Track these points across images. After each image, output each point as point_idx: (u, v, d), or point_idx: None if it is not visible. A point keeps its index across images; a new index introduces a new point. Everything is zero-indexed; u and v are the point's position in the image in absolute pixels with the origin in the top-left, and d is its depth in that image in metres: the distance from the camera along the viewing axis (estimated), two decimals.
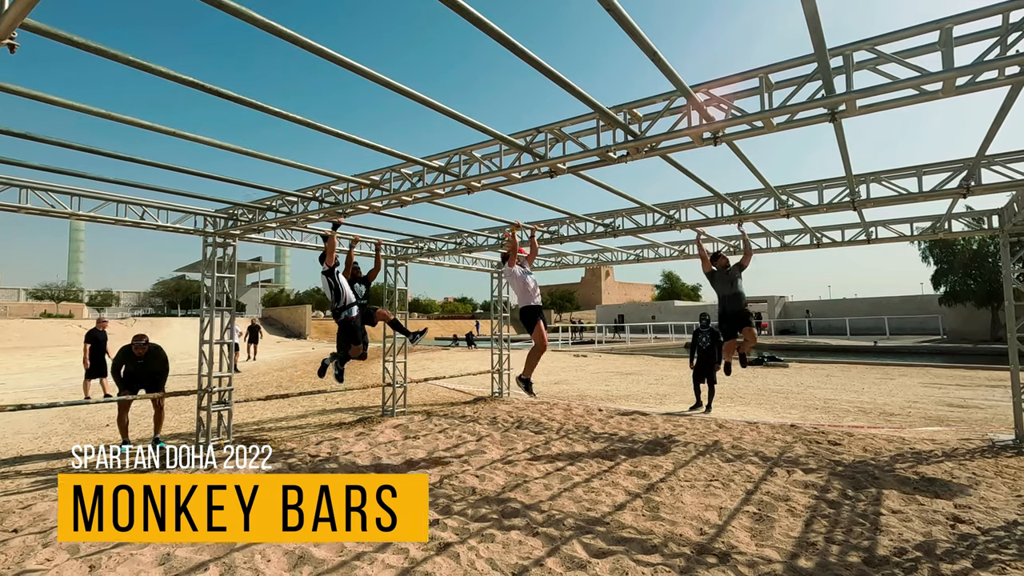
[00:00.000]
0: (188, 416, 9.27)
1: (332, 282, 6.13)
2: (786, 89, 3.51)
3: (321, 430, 8.29)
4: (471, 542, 4.12)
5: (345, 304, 6.19)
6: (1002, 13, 2.86)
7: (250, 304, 61.96)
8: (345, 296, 6.18)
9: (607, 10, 2.51)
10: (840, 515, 4.62)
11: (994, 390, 11.44)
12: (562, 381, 14.60)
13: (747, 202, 6.59)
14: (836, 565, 3.72)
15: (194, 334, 7.29)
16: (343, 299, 6.17)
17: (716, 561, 3.80)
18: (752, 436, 7.52)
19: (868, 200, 5.89)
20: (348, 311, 6.21)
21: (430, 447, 7.10)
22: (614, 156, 4.25)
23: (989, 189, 5.35)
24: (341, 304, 6.18)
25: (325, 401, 11.14)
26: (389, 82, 3.28)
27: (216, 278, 7.25)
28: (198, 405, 7.07)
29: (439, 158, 5.11)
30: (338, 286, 6.15)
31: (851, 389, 12.37)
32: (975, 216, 7.53)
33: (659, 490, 5.32)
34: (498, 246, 9.09)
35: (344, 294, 6.17)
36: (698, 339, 9.64)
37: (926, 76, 2.99)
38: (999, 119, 3.97)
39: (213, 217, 7.19)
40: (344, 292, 6.18)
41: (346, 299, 6.19)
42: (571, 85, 3.32)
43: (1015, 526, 4.29)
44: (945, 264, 28.89)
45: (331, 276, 6.13)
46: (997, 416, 8.63)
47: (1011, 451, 6.49)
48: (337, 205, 6.07)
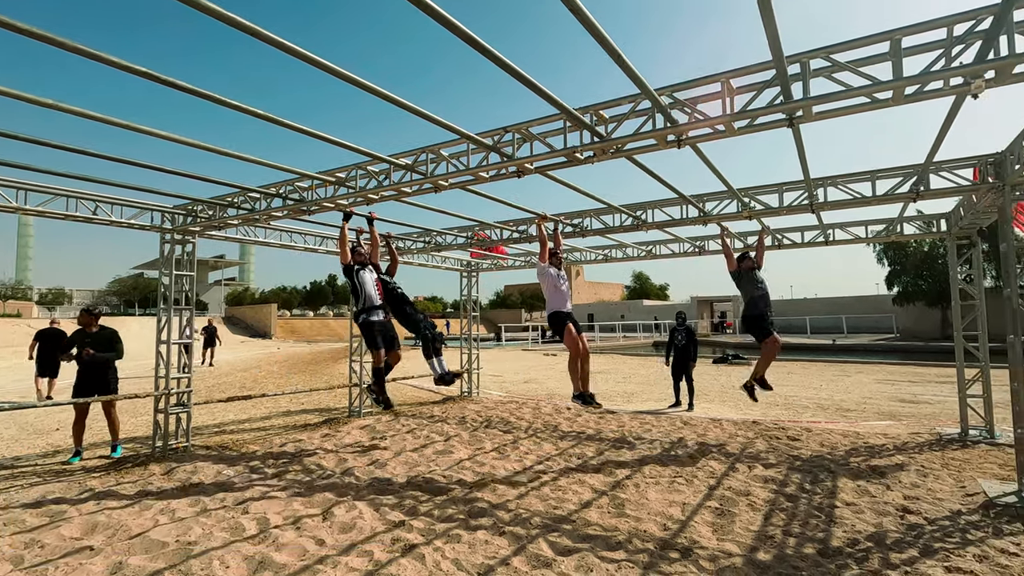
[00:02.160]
0: (146, 419, 8.95)
1: (351, 281, 5.62)
2: (747, 94, 3.60)
3: (285, 432, 8.11)
4: (437, 543, 4.09)
5: (366, 306, 5.61)
6: (947, 26, 2.99)
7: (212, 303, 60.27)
8: (367, 296, 5.60)
9: (571, 11, 2.52)
10: (798, 508, 4.77)
11: (942, 386, 11.98)
12: (532, 380, 14.66)
13: (711, 204, 6.74)
14: (793, 557, 3.83)
15: (154, 334, 7.03)
16: (363, 299, 5.60)
17: (678, 556, 3.87)
18: (716, 433, 7.69)
19: (825, 203, 6.09)
20: (367, 314, 5.64)
21: (397, 447, 7.03)
22: (581, 157, 4.28)
23: (937, 194, 5.59)
24: (361, 305, 5.62)
25: (290, 402, 10.91)
26: (356, 79, 3.23)
27: (175, 276, 7.02)
28: (155, 408, 6.83)
29: (406, 156, 5.06)
30: (357, 285, 5.61)
31: (810, 386, 12.77)
32: (925, 219, 7.88)
33: (625, 487, 5.39)
34: (467, 245, 9.07)
35: (365, 294, 5.59)
36: (674, 337, 9.70)
37: (877, 85, 3.11)
38: (945, 127, 4.16)
39: (171, 213, 6.96)
40: (365, 292, 5.60)
41: (367, 300, 5.62)
42: (536, 85, 3.32)
43: (959, 515, 4.50)
44: (898, 265, 30.21)
45: (350, 275, 5.63)
46: (945, 411, 9.04)
47: (957, 444, 6.81)
48: (301, 203, 5.95)
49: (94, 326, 6.70)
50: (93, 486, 5.50)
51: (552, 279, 5.68)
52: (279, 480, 5.66)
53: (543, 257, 5.78)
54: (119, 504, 4.96)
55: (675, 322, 9.93)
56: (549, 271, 5.70)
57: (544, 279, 5.71)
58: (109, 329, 6.78)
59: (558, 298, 5.62)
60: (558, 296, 5.63)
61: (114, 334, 6.78)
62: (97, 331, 6.70)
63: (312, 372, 17.94)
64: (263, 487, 5.42)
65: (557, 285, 5.67)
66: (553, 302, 5.63)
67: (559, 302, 5.61)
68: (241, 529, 4.34)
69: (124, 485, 5.54)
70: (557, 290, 5.64)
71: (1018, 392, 4.77)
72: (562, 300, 5.62)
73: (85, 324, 6.67)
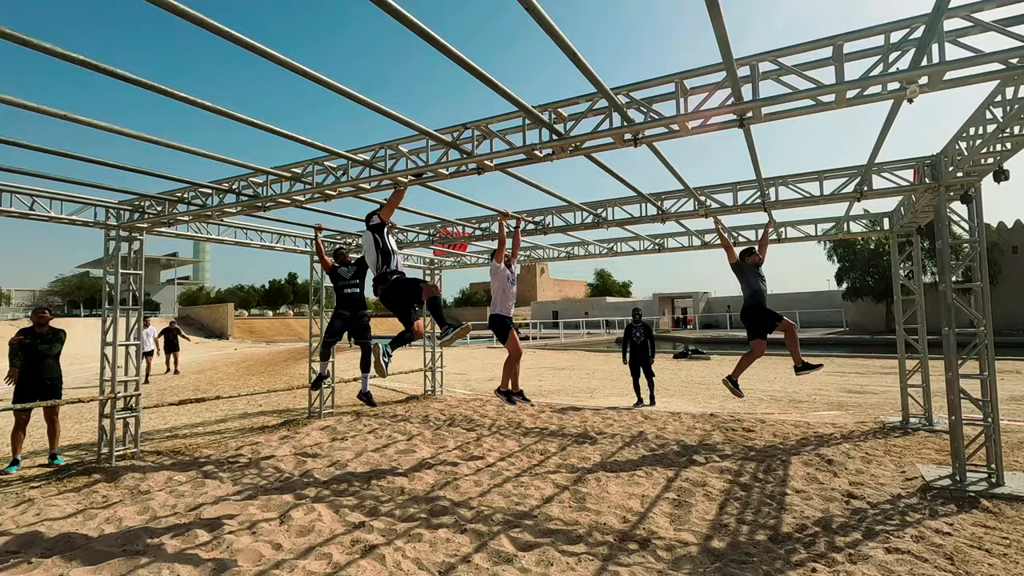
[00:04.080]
0: (91, 425, 8.54)
1: (381, 240, 4.96)
2: (701, 95, 3.69)
3: (242, 435, 7.88)
4: (398, 543, 4.05)
5: (396, 268, 5.01)
6: (884, 33, 3.14)
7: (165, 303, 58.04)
8: (397, 262, 5.04)
9: (527, 9, 2.53)
10: (751, 497, 4.93)
11: (887, 377, 12.59)
12: (496, 378, 14.65)
13: (669, 202, 6.88)
14: (745, 544, 3.96)
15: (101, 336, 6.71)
16: (394, 263, 5.01)
17: (637, 547, 3.95)
18: (675, 426, 7.88)
19: (777, 202, 6.30)
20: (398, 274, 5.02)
21: (359, 448, 6.93)
22: (540, 154, 4.30)
23: (879, 194, 5.86)
24: (392, 268, 5.00)
25: (247, 404, 10.60)
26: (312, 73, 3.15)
27: (121, 275, 6.72)
28: (100, 413, 6.53)
29: (364, 152, 4.98)
30: (388, 247, 4.99)
31: (765, 379, 13.22)
32: (870, 218, 8.25)
33: (586, 481, 5.46)
34: (429, 243, 9.00)
35: (395, 257, 5.05)
36: (631, 334, 9.70)
37: (821, 88, 3.24)
38: (885, 130, 4.36)
39: (116, 209, 6.66)
40: (395, 255, 5.06)
41: (398, 265, 5.02)
42: (494, 82, 3.32)
43: (899, 499, 4.74)
44: (847, 262, 31.61)
45: (380, 233, 5.00)
46: (888, 400, 9.50)
47: (898, 431, 7.17)
48: (256, 199, 5.78)
49: (46, 326, 6.40)
50: (32, 496, 5.22)
51: (503, 281, 5.74)
52: (234, 484, 5.50)
53: (499, 257, 5.78)
54: (61, 514, 4.72)
55: (631, 319, 9.97)
56: (503, 271, 5.74)
57: (496, 279, 5.77)
58: (57, 329, 6.50)
59: (505, 302, 5.72)
60: (506, 300, 5.73)
61: (60, 333, 6.48)
62: (47, 331, 6.38)
63: (271, 373, 17.48)
64: (217, 492, 5.26)
65: (506, 288, 5.75)
66: (500, 304, 5.71)
67: (506, 306, 5.72)
68: (193, 536, 4.20)
69: (67, 494, 5.28)
70: (505, 293, 5.73)
71: (952, 382, 5.06)
72: (508, 304, 5.73)
73: (41, 322, 6.35)
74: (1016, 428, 7.12)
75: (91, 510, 4.82)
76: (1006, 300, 27.83)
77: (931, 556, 3.65)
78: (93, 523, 4.51)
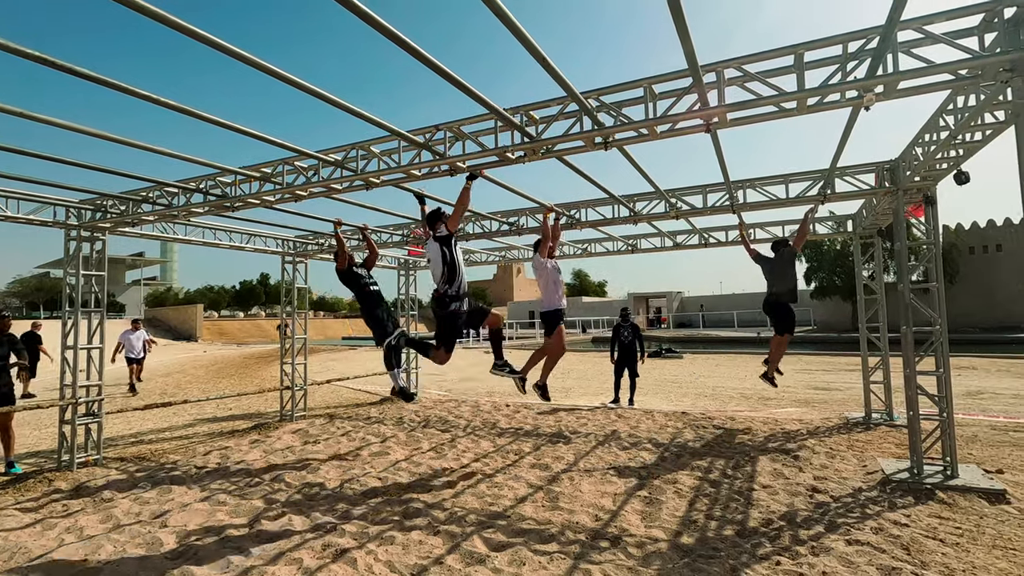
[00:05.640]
0: (51, 431, 8.25)
1: (449, 253, 4.50)
2: (669, 99, 3.76)
3: (211, 439, 7.72)
4: (370, 546, 4.03)
5: (459, 292, 4.62)
6: (843, 43, 3.25)
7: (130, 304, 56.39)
8: (461, 279, 4.62)
9: (495, 14, 2.54)
10: (720, 493, 5.04)
11: (851, 374, 12.98)
12: (472, 378, 14.65)
13: (641, 204, 6.97)
14: (713, 539, 4.05)
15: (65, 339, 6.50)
16: (458, 282, 4.57)
17: (608, 545, 4.00)
18: (648, 424, 7.99)
19: (745, 204, 6.44)
20: (460, 302, 4.66)
21: (331, 451, 6.85)
22: (512, 156, 4.32)
23: (842, 197, 6.05)
24: (456, 289, 4.59)
25: (217, 408, 10.37)
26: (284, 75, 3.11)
27: (82, 276, 6.51)
28: (60, 419, 6.32)
29: (335, 152, 4.93)
30: (456, 262, 4.55)
31: (736, 377, 13.51)
32: (836, 220, 8.51)
33: (560, 481, 5.50)
34: (403, 243, 8.94)
35: (461, 275, 4.62)
36: (620, 334, 9.64)
37: (783, 95, 3.33)
38: (845, 135, 4.51)
39: (77, 208, 6.45)
40: (461, 273, 4.63)
41: (461, 284, 4.63)
42: (465, 85, 3.33)
43: (860, 492, 4.91)
44: (815, 263, 32.58)
45: (449, 245, 4.55)
46: (852, 397, 9.80)
47: (861, 427, 7.41)
48: (224, 199, 5.67)
49: (6, 328, 6.21)
50: None
51: (552, 274, 5.49)
52: (202, 490, 5.38)
53: (543, 251, 5.50)
54: (18, 524, 4.56)
55: (619, 318, 9.99)
56: (547, 265, 5.47)
57: (543, 274, 5.50)
58: (12, 335, 6.31)
59: (557, 294, 5.48)
60: (557, 291, 5.49)
61: (13, 338, 6.29)
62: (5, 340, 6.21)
63: (242, 375, 17.14)
64: (184, 499, 5.14)
65: (557, 280, 5.52)
66: (554, 298, 5.48)
67: (559, 299, 5.48)
68: (159, 544, 4.11)
69: (25, 503, 5.10)
70: (556, 286, 5.50)
71: (910, 378, 5.25)
72: (559, 296, 5.49)
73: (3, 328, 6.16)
74: (970, 422, 7.43)
75: (50, 519, 4.67)
76: (963, 299, 28.98)
77: (889, 547, 3.79)
78: (52, 533, 4.37)
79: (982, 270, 30.75)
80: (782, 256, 6.73)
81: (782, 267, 6.66)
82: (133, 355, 12.64)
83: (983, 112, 3.62)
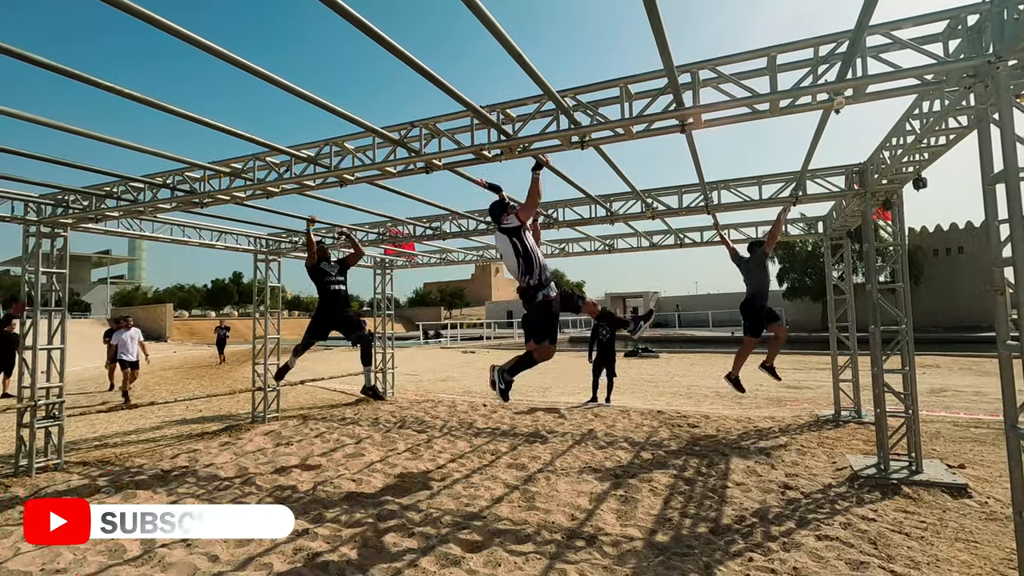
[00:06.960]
0: (8, 435, 7.92)
1: (520, 243, 4.17)
2: (645, 99, 3.77)
3: (179, 442, 7.50)
4: (343, 549, 3.96)
5: (543, 280, 4.22)
6: (813, 47, 3.30)
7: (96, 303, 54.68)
8: (541, 266, 4.23)
9: (472, 11, 2.51)
10: (694, 491, 5.09)
11: (822, 372, 13.27)
12: (449, 378, 14.57)
13: (617, 204, 7.01)
14: (688, 537, 4.08)
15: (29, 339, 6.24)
16: (538, 270, 4.20)
17: (584, 544, 4.00)
18: (624, 423, 8.03)
19: (719, 205, 6.53)
20: (546, 288, 4.24)
21: (304, 453, 6.72)
22: (488, 155, 4.29)
23: (813, 199, 6.17)
24: (539, 278, 4.21)
25: (186, 410, 10.10)
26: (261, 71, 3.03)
27: (43, 274, 6.26)
28: (18, 422, 6.07)
29: (308, 148, 4.83)
30: (530, 251, 4.19)
31: (711, 376, 13.68)
32: (807, 222, 8.68)
33: (536, 481, 5.49)
34: (379, 242, 8.84)
35: (539, 262, 4.22)
36: (599, 332, 9.72)
37: (756, 97, 3.37)
38: (816, 137, 4.59)
39: (37, 203, 6.20)
40: (539, 260, 4.23)
41: (543, 271, 4.24)
42: (441, 81, 3.29)
43: (830, 488, 5.01)
44: (787, 263, 33.30)
45: (519, 235, 4.19)
46: (823, 395, 10.02)
47: (831, 424, 7.57)
48: (193, 194, 5.52)
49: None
50: None
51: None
52: (168, 495, 5.22)
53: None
54: None
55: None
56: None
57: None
58: None
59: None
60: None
61: None
62: None
63: (213, 376, 16.75)
64: (149, 503, 4.98)
65: None
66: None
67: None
68: (122, 551, 3.96)
69: None
70: None
71: (877, 376, 5.38)
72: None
73: None
74: (934, 419, 7.66)
75: (6, 527, 4.48)
76: (928, 299, 29.95)
77: (857, 541, 3.87)
78: (8, 541, 4.19)
79: (945, 272, 31.84)
80: (755, 258, 6.79)
81: (754, 268, 6.74)
82: (127, 357, 10.86)
83: (947, 117, 3.72)
